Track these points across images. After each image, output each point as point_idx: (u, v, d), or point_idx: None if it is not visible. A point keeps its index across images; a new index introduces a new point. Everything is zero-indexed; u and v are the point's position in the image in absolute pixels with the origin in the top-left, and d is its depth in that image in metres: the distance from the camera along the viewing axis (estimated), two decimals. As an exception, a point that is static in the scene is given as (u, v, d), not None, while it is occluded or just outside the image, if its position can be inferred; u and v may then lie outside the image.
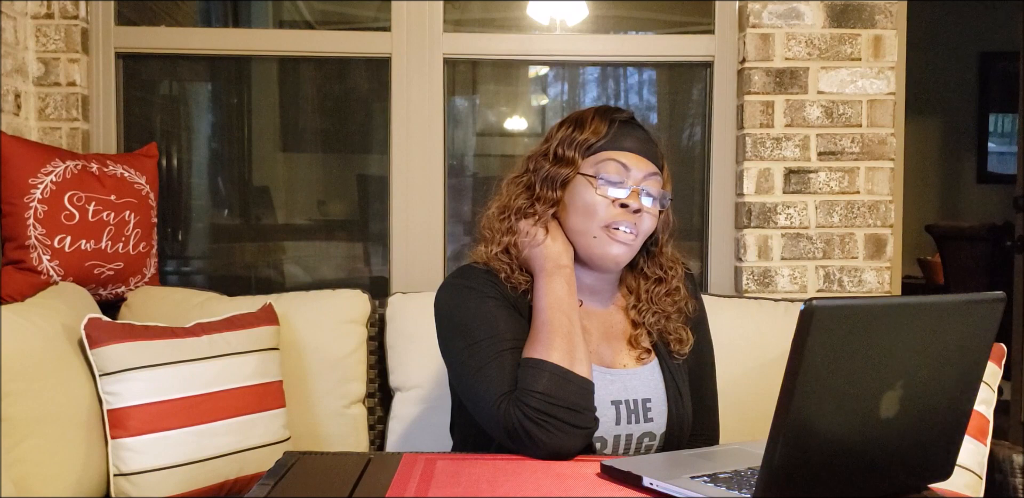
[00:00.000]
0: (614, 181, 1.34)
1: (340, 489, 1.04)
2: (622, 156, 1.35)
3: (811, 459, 0.91)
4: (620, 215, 1.33)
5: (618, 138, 1.37)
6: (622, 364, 1.38)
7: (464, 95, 2.50)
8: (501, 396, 1.22)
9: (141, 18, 2.36)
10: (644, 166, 1.36)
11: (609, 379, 1.33)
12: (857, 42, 2.23)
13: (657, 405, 1.36)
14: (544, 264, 1.33)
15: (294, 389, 1.85)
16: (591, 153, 1.36)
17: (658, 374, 1.39)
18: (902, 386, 0.93)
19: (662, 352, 1.41)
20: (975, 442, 1.59)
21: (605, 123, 1.38)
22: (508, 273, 1.35)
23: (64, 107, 2.19)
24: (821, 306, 0.85)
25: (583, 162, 1.36)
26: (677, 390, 1.39)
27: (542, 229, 1.36)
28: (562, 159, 1.37)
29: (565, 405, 1.21)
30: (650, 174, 1.36)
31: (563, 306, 1.29)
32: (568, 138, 1.38)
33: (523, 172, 1.42)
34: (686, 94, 2.49)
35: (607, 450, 1.33)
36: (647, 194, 1.35)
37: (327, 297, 2.00)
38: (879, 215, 2.24)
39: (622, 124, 1.39)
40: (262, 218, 2.49)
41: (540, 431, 1.19)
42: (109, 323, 1.66)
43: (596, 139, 1.36)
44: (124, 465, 1.59)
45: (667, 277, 1.44)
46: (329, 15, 2.58)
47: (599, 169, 1.35)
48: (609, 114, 1.40)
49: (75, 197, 1.87)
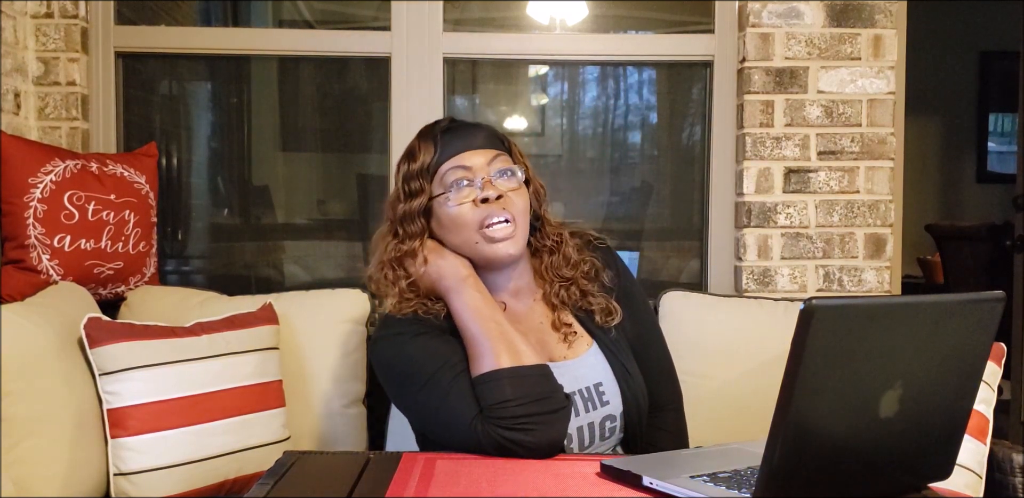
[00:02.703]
0: (463, 185, 1.35)
1: (339, 489, 1.04)
2: (457, 160, 1.37)
3: (811, 459, 0.91)
4: (487, 210, 1.34)
5: (447, 148, 1.38)
6: (562, 356, 1.39)
7: (464, 94, 2.50)
8: (472, 419, 1.23)
9: (141, 18, 2.36)
10: (482, 156, 1.37)
11: (558, 372, 1.33)
12: (857, 42, 2.23)
13: (609, 387, 1.38)
14: (447, 283, 1.34)
15: (294, 389, 1.85)
16: (432, 174, 1.38)
17: (601, 356, 1.41)
18: (902, 386, 0.93)
19: (596, 332, 1.42)
20: (975, 441, 1.59)
21: (430, 141, 1.40)
22: (424, 308, 1.36)
23: (64, 106, 2.19)
24: (821, 306, 0.85)
25: (431, 185, 1.38)
26: (623, 368, 1.40)
27: (422, 256, 1.37)
28: (412, 193, 1.39)
29: (534, 398, 1.22)
30: (493, 159, 1.38)
31: (484, 312, 1.30)
32: (408, 172, 1.40)
33: (388, 223, 1.44)
34: (686, 94, 2.49)
35: (573, 444, 1.34)
36: (500, 176, 1.37)
37: (327, 297, 2.00)
38: (879, 215, 2.23)
39: (444, 133, 1.40)
40: (262, 217, 2.49)
41: (524, 435, 1.20)
42: (109, 322, 1.66)
43: (430, 160, 1.38)
44: (124, 464, 1.59)
45: (558, 246, 1.45)
46: (329, 15, 2.58)
47: (445, 182, 1.36)
48: (430, 132, 1.42)
49: (75, 196, 1.87)
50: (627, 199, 2.52)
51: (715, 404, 1.82)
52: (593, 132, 2.63)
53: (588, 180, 2.55)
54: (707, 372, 1.86)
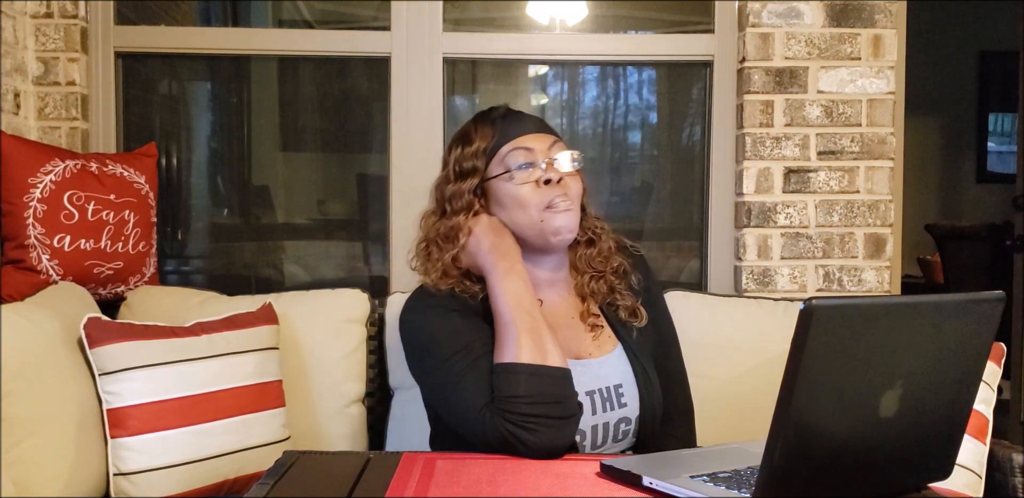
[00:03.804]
0: (526, 164, 1.36)
1: (339, 489, 1.04)
2: (520, 141, 1.38)
3: (811, 459, 0.91)
4: (549, 191, 1.35)
5: (507, 129, 1.40)
6: (588, 353, 1.39)
7: (464, 94, 2.50)
8: (481, 408, 1.23)
9: (140, 17, 2.36)
10: (544, 139, 1.39)
11: (580, 370, 1.33)
12: (857, 41, 2.23)
13: (628, 390, 1.38)
14: (496, 261, 1.33)
15: (294, 388, 1.85)
16: (491, 156, 1.39)
17: (624, 359, 1.41)
18: (902, 385, 0.93)
19: (620, 332, 1.43)
20: (975, 441, 1.59)
21: (488, 125, 1.41)
22: (462, 286, 1.36)
23: (63, 106, 2.19)
24: (821, 305, 0.85)
25: (488, 168, 1.39)
26: (645, 373, 1.40)
27: (467, 228, 1.38)
28: (464, 173, 1.40)
29: (547, 401, 1.22)
30: (553, 143, 1.39)
31: (523, 303, 1.30)
32: (462, 155, 1.41)
33: (433, 204, 1.45)
34: (686, 93, 2.49)
35: (586, 442, 1.34)
36: (561, 160, 1.38)
37: (327, 296, 2.00)
38: (879, 214, 2.23)
39: (504, 118, 1.42)
40: (262, 217, 2.49)
41: (528, 434, 1.19)
42: (109, 322, 1.66)
43: (488, 142, 1.39)
44: (124, 464, 1.59)
45: (596, 239, 1.47)
46: (329, 14, 2.57)
47: (507, 163, 1.37)
48: (487, 116, 1.44)
49: (74, 196, 1.87)
50: (627, 199, 2.52)
51: (715, 404, 1.82)
52: (593, 132, 2.62)
53: (588, 180, 2.53)
54: (707, 372, 1.86)
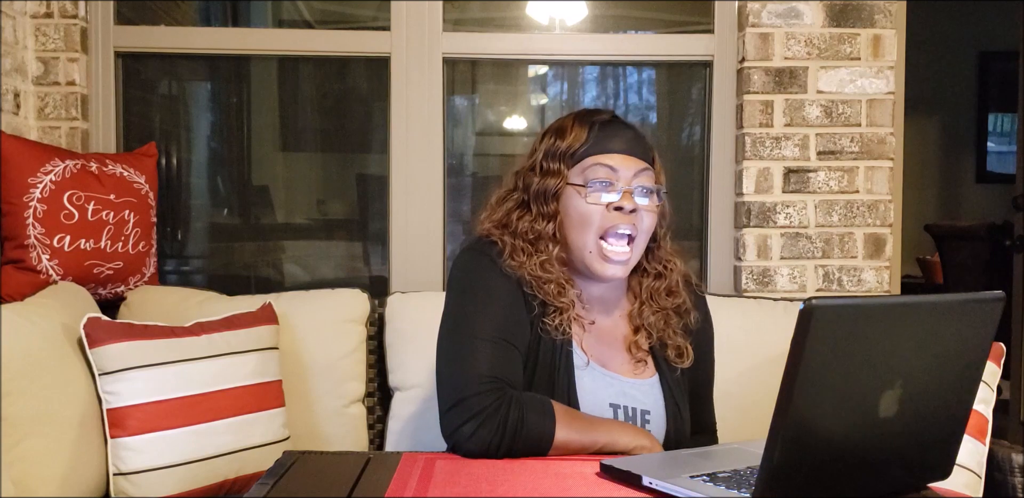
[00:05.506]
0: (603, 186, 1.31)
1: (339, 489, 1.04)
2: (608, 159, 1.32)
3: (810, 458, 0.91)
4: (616, 218, 1.30)
5: (601, 141, 1.33)
6: (622, 371, 1.36)
7: (463, 94, 2.50)
8: (489, 380, 1.20)
9: (140, 17, 2.36)
10: (632, 164, 1.32)
11: (608, 381, 1.32)
12: (856, 42, 2.23)
13: (656, 419, 1.35)
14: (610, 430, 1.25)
15: (294, 388, 1.85)
16: (576, 161, 1.33)
17: (658, 389, 1.37)
18: (901, 386, 0.93)
19: (662, 366, 1.39)
20: (974, 441, 1.59)
21: (585, 128, 1.35)
22: (510, 251, 1.32)
23: (63, 106, 2.19)
24: (820, 305, 0.85)
25: (570, 172, 1.34)
26: (676, 406, 1.37)
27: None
28: (548, 172, 1.34)
29: (533, 410, 1.20)
30: (640, 171, 1.33)
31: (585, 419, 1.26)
32: (551, 149, 1.35)
33: (512, 189, 1.39)
34: (685, 93, 2.49)
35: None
36: (641, 192, 1.33)
37: (326, 296, 2.00)
38: (878, 214, 2.23)
39: (603, 126, 1.35)
40: (261, 217, 2.49)
41: (479, 427, 1.17)
42: (108, 322, 1.66)
43: (578, 146, 1.33)
44: (123, 464, 1.59)
45: (666, 272, 1.41)
46: (329, 14, 2.57)
47: (587, 176, 1.32)
48: (588, 118, 1.36)
49: (74, 196, 1.87)
50: (627, 199, 2.52)
51: (715, 404, 1.82)
52: (593, 132, 2.62)
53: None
54: (707, 372, 1.85)
